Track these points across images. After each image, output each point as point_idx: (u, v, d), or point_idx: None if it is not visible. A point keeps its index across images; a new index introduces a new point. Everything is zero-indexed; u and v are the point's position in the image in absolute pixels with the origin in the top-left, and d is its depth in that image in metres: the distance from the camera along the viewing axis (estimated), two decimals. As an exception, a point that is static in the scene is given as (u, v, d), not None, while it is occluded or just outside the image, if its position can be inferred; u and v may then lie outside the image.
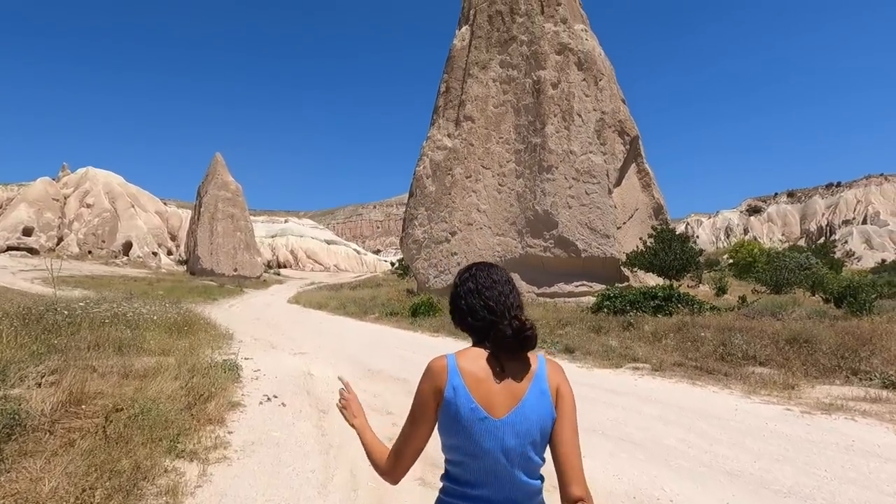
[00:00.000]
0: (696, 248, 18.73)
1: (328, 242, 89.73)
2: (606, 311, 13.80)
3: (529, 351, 1.31)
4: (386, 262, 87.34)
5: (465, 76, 22.65)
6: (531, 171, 20.26)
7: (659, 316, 12.49)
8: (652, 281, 19.19)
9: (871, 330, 8.94)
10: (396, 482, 1.40)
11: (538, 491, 1.31)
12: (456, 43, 23.57)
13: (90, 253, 50.27)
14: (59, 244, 50.93)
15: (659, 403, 6.19)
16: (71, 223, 52.99)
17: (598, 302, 14.85)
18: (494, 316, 1.32)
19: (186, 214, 64.67)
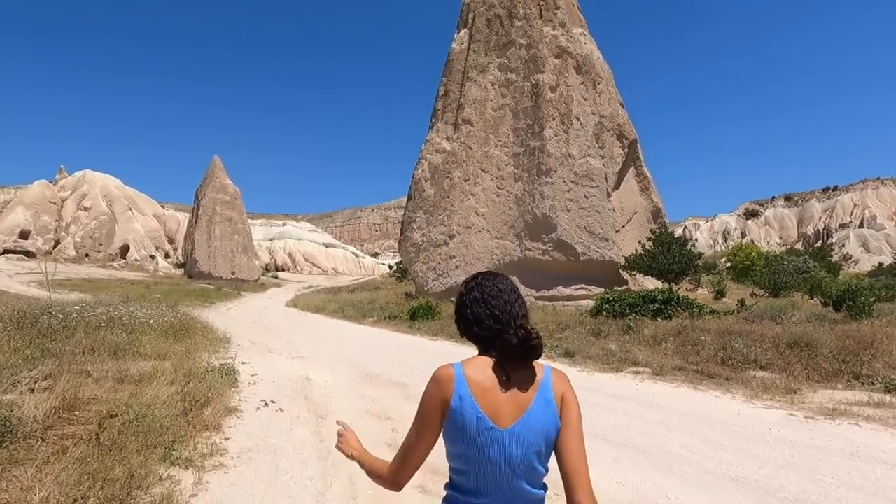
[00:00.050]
0: (694, 251, 18.72)
1: (326, 246, 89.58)
2: (606, 314, 13.77)
3: (535, 360, 1.31)
4: (384, 265, 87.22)
5: (463, 79, 22.65)
6: (530, 174, 20.24)
7: (658, 319, 12.46)
8: (651, 284, 19.16)
9: (871, 334, 8.90)
10: (400, 489, 1.41)
11: (541, 500, 1.31)
12: (454, 46, 23.58)
13: (87, 256, 50.03)
14: (55, 247, 50.68)
15: (661, 408, 6.13)
16: (68, 226, 52.75)
17: (597, 305, 14.83)
18: (500, 325, 1.32)
19: (184, 217, 64.51)
